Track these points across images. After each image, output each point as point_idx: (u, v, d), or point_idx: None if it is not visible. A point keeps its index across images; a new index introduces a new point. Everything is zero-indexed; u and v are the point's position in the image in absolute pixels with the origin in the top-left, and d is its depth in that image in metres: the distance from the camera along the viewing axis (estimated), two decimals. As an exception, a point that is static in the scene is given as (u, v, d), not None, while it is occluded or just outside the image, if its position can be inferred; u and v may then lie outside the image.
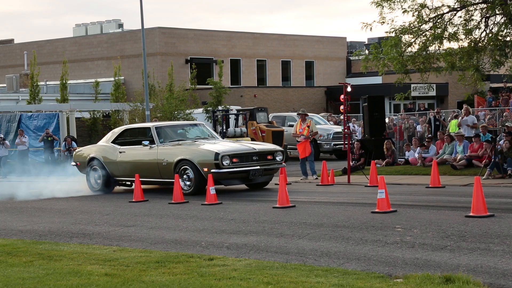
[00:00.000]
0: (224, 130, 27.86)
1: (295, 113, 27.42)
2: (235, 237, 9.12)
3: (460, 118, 21.23)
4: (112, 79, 36.42)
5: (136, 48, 40.54)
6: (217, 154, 14.19)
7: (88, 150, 16.99)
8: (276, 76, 47.02)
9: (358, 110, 31.88)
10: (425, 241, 8.05)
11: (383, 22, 19.03)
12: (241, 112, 31.08)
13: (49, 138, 26.05)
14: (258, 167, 14.54)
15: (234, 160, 14.33)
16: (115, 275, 6.99)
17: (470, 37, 18.21)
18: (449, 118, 24.75)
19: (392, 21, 18.89)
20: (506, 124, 20.48)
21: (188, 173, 14.46)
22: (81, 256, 8.12)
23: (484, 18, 18.22)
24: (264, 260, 7.55)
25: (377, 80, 38.68)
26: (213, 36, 44.62)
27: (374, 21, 19.08)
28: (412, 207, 10.91)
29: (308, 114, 24.84)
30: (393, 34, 19.20)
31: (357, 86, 35.93)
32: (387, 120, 27.26)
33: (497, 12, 17.90)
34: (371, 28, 19.21)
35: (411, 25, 18.63)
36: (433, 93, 38.24)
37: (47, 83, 40.79)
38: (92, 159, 16.31)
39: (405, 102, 33.22)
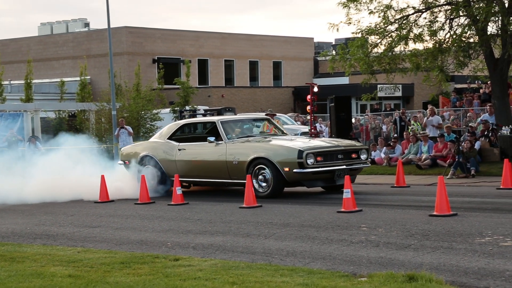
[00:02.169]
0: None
1: (263, 113, 27.43)
2: (201, 237, 9.10)
3: (425, 118, 21.47)
4: (78, 78, 36.07)
5: (102, 47, 40.20)
6: (300, 151, 12.52)
7: (139, 148, 15.32)
8: (244, 76, 47.04)
9: (325, 110, 32.06)
10: (390, 240, 8.12)
11: (350, 23, 19.20)
12: (208, 112, 31.00)
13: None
14: (344, 166, 12.89)
15: (318, 158, 12.69)
16: (78, 277, 6.92)
17: (434, 38, 18.47)
18: (411, 118, 25.02)
19: (359, 22, 19.09)
20: (470, 124, 20.79)
21: (264, 173, 12.88)
22: (44, 258, 8.01)
23: (448, 20, 18.48)
24: (230, 260, 7.54)
25: (344, 80, 38.92)
26: (181, 36, 44.48)
27: (341, 22, 19.27)
28: (377, 207, 11.00)
29: (276, 114, 24.92)
30: (359, 35, 19.38)
31: (324, 87, 36.14)
32: (353, 120, 27.46)
33: (461, 14, 18.16)
34: (337, 29, 19.39)
35: (377, 26, 18.82)
36: (399, 93, 38.60)
37: (11, 82, 40.23)
38: (145, 157, 14.70)
39: (372, 103, 33.55)
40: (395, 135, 22.74)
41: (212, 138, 13.60)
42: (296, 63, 48.54)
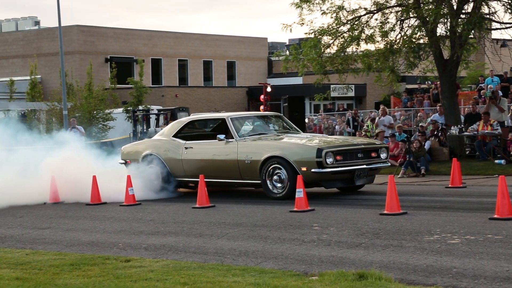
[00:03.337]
0: (145, 130, 27.56)
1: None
2: (154, 238, 9.04)
3: (377, 118, 21.75)
4: (28, 77, 35.44)
5: (53, 46, 39.58)
6: (319, 150, 11.71)
7: (142, 146, 14.39)
8: (198, 76, 46.90)
9: (279, 110, 32.18)
10: (341, 239, 8.20)
11: (303, 24, 19.36)
12: (162, 112, 30.84)
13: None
14: (364, 166, 12.18)
15: (338, 157, 11.93)
16: (26, 279, 6.79)
17: (386, 39, 18.74)
18: (366, 118, 25.34)
19: (311, 22, 19.25)
20: (420, 124, 21.15)
21: (280, 173, 12.07)
22: (-9, 260, 7.85)
23: (399, 21, 18.76)
24: (181, 261, 7.51)
25: (298, 80, 39.18)
26: (134, 35, 44.10)
27: (294, 22, 19.40)
28: (329, 206, 11.09)
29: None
30: (312, 35, 19.53)
31: (278, 87, 36.33)
32: (307, 120, 27.66)
33: (411, 15, 18.46)
34: (291, 30, 19.53)
35: (330, 26, 19.00)
36: (351, 93, 39.08)
37: (-41, 81, 39.30)
38: (148, 156, 13.83)
39: (325, 103, 33.88)
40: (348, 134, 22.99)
41: (222, 136, 12.83)
42: (250, 63, 48.62)
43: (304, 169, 11.73)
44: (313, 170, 11.68)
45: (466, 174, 15.13)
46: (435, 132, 19.34)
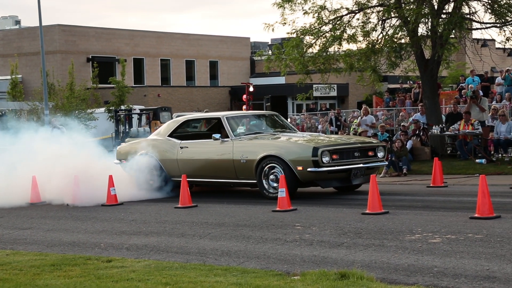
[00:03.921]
0: (127, 130, 27.47)
1: (200, 113, 27.32)
2: (136, 238, 9.00)
3: (359, 118, 21.83)
4: (9, 77, 35.13)
5: (34, 45, 39.33)
6: (315, 149, 11.55)
7: (137, 146, 14.07)
8: (180, 76, 46.80)
9: (261, 109, 32.20)
10: (323, 238, 8.22)
11: (285, 23, 19.36)
12: (144, 111, 30.75)
13: None
14: (361, 165, 12.00)
15: (334, 156, 11.75)
16: (6, 280, 6.73)
17: (367, 39, 18.80)
18: (350, 117, 25.44)
19: (294, 22, 19.26)
20: (402, 123, 21.25)
21: (276, 172, 11.88)
22: (-29, 262, 7.77)
23: (380, 21, 18.83)
24: (163, 261, 7.49)
25: (280, 80, 39.24)
26: (116, 34, 43.92)
27: (276, 22, 19.40)
28: (312, 205, 11.11)
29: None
30: (294, 35, 19.55)
31: (260, 86, 36.35)
32: (289, 119, 27.70)
33: (393, 15, 18.54)
34: (273, 29, 19.52)
35: (312, 26, 19.02)
36: (334, 93, 39.18)
37: None
38: (143, 155, 13.60)
39: (307, 102, 33.89)
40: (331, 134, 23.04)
41: (217, 135, 12.67)
42: (232, 62, 48.60)
43: (300, 168, 11.60)
44: (309, 169, 11.54)
45: (448, 173, 15.24)
46: (417, 132, 19.44)
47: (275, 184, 11.88)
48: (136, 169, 13.48)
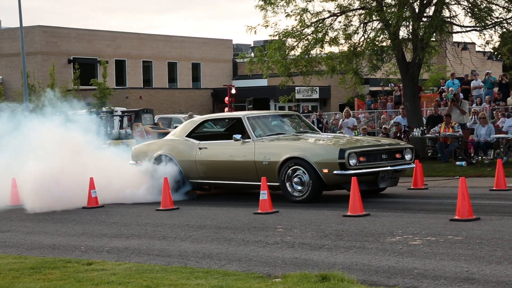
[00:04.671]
0: (109, 132, 27.33)
1: (182, 115, 27.33)
2: (116, 240, 8.96)
3: (341, 120, 21.90)
4: (-11, 78, 34.88)
5: (15, 46, 39.04)
6: (342, 151, 11.12)
7: (154, 146, 13.73)
8: (163, 78, 46.68)
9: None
10: (305, 240, 8.23)
11: (267, 26, 19.39)
12: (126, 113, 30.63)
13: None
14: (389, 167, 11.57)
15: (361, 159, 11.29)
16: (-15, 284, 6.68)
17: (349, 41, 18.88)
18: (332, 120, 25.52)
19: (276, 24, 19.31)
20: (384, 126, 21.36)
21: (300, 175, 11.47)
22: (-51, 265, 7.69)
23: (362, 24, 18.92)
24: (144, 264, 7.46)
25: (263, 82, 39.28)
26: (97, 36, 43.71)
27: (259, 24, 19.44)
28: (293, 208, 11.12)
29: (196, 116, 24.85)
30: (276, 38, 19.59)
31: (243, 88, 36.38)
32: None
33: (374, 18, 18.63)
34: (255, 32, 19.55)
35: (294, 29, 19.07)
36: (316, 95, 39.33)
37: None
38: (160, 157, 13.23)
39: (290, 105, 33.98)
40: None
41: (238, 136, 12.24)
42: (215, 64, 48.56)
43: (325, 171, 11.16)
44: (335, 172, 11.11)
45: (428, 175, 15.33)
46: (398, 134, 19.55)
47: (299, 187, 11.53)
48: (153, 171, 13.09)
